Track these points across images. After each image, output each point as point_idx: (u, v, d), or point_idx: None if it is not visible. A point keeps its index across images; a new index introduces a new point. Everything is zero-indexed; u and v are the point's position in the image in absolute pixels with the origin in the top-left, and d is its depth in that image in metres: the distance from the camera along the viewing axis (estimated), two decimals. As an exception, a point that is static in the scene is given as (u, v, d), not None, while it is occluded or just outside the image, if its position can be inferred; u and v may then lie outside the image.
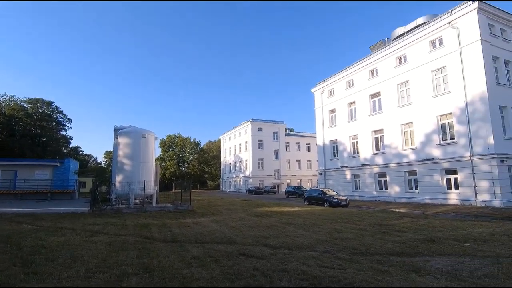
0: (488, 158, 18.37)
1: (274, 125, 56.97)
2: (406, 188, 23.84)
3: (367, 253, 7.25)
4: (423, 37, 22.80)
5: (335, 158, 31.98)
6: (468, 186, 19.36)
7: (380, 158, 26.34)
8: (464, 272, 5.41)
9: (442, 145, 21.24)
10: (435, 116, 21.74)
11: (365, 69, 28.35)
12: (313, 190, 25.72)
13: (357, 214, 15.52)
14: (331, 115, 33.11)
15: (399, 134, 24.57)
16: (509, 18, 21.19)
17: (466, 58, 19.75)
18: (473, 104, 19.27)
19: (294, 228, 11.24)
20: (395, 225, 11.60)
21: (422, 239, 8.72)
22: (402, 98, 24.73)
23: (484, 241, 8.34)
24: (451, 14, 20.91)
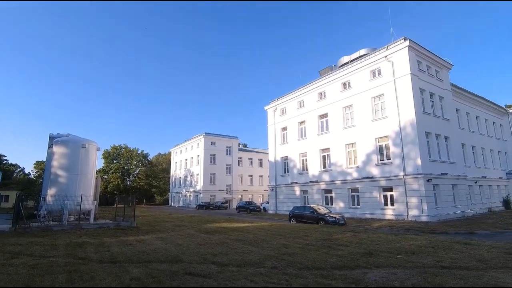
0: (417, 177, 20.62)
1: (227, 140, 56.94)
2: (349, 204, 25.42)
3: (313, 267, 7.48)
4: (365, 66, 25.27)
5: (286, 174, 32.94)
6: (402, 203, 21.38)
7: (327, 175, 27.84)
8: (396, 283, 5.89)
9: (380, 164, 23.32)
10: (374, 138, 23.91)
11: (314, 92, 30.24)
12: (301, 207, 23.29)
13: (305, 229, 16.00)
14: (283, 133, 34.32)
15: (343, 153, 26.38)
16: (433, 57, 24.65)
17: (399, 88, 22.33)
18: (405, 129, 21.69)
19: (243, 244, 11.15)
20: (338, 240, 12.20)
21: (362, 252, 9.30)
22: (346, 120, 26.79)
23: (413, 252, 9.20)
24: (387, 49, 23.63)
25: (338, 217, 19.33)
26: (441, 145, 23.35)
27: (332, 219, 19.05)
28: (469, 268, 7.22)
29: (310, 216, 20.52)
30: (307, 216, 20.84)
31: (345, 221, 19.54)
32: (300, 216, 21.29)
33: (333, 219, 18.99)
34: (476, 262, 7.88)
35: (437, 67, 25.27)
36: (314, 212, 20.54)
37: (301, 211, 21.79)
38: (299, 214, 21.55)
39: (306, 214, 21.06)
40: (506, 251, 9.12)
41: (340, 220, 19.13)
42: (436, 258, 8.40)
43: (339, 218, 19.27)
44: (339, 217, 19.48)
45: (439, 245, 10.41)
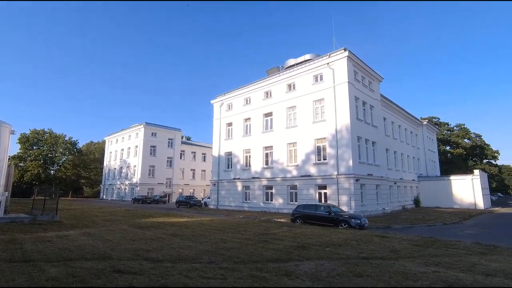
0: (348, 177, 22.61)
1: (170, 132, 54.57)
2: (288, 200, 26.66)
3: (249, 261, 7.66)
4: (309, 71, 26.66)
5: (229, 170, 33.02)
6: (334, 200, 23.20)
7: (268, 172, 28.72)
8: (323, 273, 6.38)
9: (317, 164, 24.94)
10: (314, 139, 25.45)
11: (261, 90, 30.84)
12: (312, 205, 18.96)
13: (244, 224, 16.29)
14: (228, 128, 34.28)
15: (285, 152, 27.51)
16: (367, 69, 27.20)
17: (338, 94, 24.13)
18: (341, 132, 23.55)
19: (180, 239, 10.85)
20: (275, 234, 12.71)
21: (295, 246, 9.84)
22: (290, 120, 27.96)
23: (340, 245, 10.08)
24: (329, 57, 25.30)
25: (361, 219, 16.26)
26: (369, 149, 25.99)
27: (356, 221, 15.94)
28: (384, 258, 8.21)
29: (325, 217, 16.95)
30: (320, 216, 17.19)
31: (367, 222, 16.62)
32: (310, 217, 17.43)
33: (358, 222, 15.91)
34: (389, 252, 8.98)
35: (370, 79, 27.98)
36: (330, 212, 17.10)
37: (311, 211, 17.84)
38: (309, 215, 17.65)
39: (319, 214, 17.39)
40: (413, 243, 10.59)
41: (365, 223, 16.17)
42: (358, 250, 9.34)
43: (362, 220, 16.23)
44: (360, 218, 16.38)
45: (361, 238, 11.58)
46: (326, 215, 17.06)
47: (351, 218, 16.26)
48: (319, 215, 17.34)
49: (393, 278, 5.98)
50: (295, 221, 18.06)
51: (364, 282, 5.68)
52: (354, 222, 15.83)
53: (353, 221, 15.94)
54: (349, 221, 15.98)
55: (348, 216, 16.67)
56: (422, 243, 10.60)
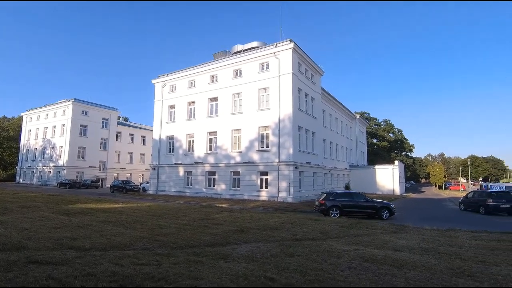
0: (288, 164, 23.73)
1: (104, 111, 49.76)
2: (230, 186, 26.93)
3: (186, 246, 7.59)
4: (255, 58, 26.78)
5: (170, 154, 31.80)
6: (274, 186, 24.21)
7: (212, 158, 28.48)
8: (258, 255, 6.67)
9: (260, 151, 25.57)
10: (258, 127, 25.94)
11: (207, 73, 30.01)
12: (345, 193, 17.61)
13: (184, 210, 16.01)
14: (171, 111, 32.77)
15: (229, 138, 27.52)
16: (310, 62, 28.46)
17: (282, 84, 24.83)
18: (284, 121, 24.43)
19: (113, 226, 10.19)
20: (215, 219, 12.79)
21: (234, 230, 10.06)
22: (235, 107, 27.92)
23: (276, 228, 10.62)
24: (276, 46, 25.72)
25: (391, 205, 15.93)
26: (309, 138, 27.57)
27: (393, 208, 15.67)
28: (314, 239, 8.92)
29: (364, 205, 15.74)
30: (358, 205, 15.85)
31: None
32: (348, 207, 15.75)
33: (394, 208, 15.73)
34: (319, 234, 9.79)
35: (313, 72, 29.39)
36: (366, 199, 16.22)
37: (347, 199, 16.19)
38: (347, 204, 15.83)
39: (357, 202, 16.01)
40: (340, 225, 11.71)
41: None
42: (292, 232, 9.97)
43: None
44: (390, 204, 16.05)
45: (296, 221, 12.37)
46: (364, 202, 15.99)
47: (388, 204, 15.92)
48: (357, 204, 16.02)
49: (320, 256, 6.55)
50: (329, 214, 15.57)
51: (295, 261, 6.11)
52: (393, 208, 15.76)
53: (392, 207, 15.79)
54: (390, 208, 15.69)
55: (384, 202, 16.20)
56: (348, 225, 11.78)
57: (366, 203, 15.94)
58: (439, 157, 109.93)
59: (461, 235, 9.93)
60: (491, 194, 19.77)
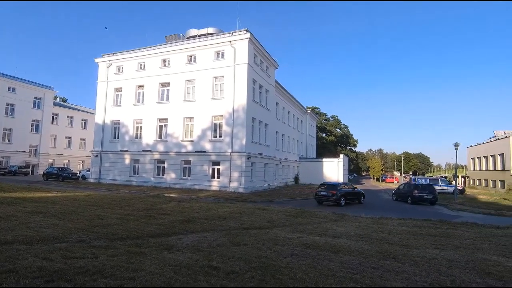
0: (241, 155, 23.84)
1: (36, 89, 44.02)
2: (181, 175, 26.19)
3: (128, 237, 7.21)
4: (211, 45, 26.06)
5: (116, 140, 29.68)
6: (226, 176, 24.18)
7: (161, 146, 27.30)
8: (204, 244, 6.62)
9: (213, 140, 25.23)
10: (211, 116, 25.48)
11: (158, 57, 28.39)
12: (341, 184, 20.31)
13: (129, 199, 15.17)
14: (117, 94, 30.43)
15: (181, 126, 26.60)
16: (266, 54, 28.61)
17: (237, 74, 24.64)
18: (238, 112, 24.36)
19: (43, 217, 9.22)
20: (162, 209, 12.35)
21: (181, 220, 9.83)
22: (188, 94, 26.99)
23: (224, 218, 10.66)
24: (232, 35, 25.31)
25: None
26: (262, 130, 28.00)
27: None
28: (261, 227, 9.15)
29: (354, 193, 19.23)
30: (352, 193, 19.06)
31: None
32: (347, 195, 18.35)
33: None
34: (267, 223, 10.08)
35: (268, 64, 29.68)
36: (353, 188, 19.72)
37: (345, 189, 18.75)
38: (346, 193, 18.37)
39: (351, 191, 19.13)
40: (287, 214, 12.21)
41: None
42: (240, 221, 10.10)
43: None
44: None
45: (245, 211, 12.56)
46: (353, 190, 19.54)
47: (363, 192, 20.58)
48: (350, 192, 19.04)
49: (265, 245, 6.75)
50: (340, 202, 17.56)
51: (240, 250, 6.19)
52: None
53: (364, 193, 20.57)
54: (364, 194, 20.56)
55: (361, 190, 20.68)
56: (294, 214, 12.34)
57: (354, 191, 19.60)
58: (378, 152, 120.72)
59: (391, 222, 11.07)
60: (417, 186, 22.37)
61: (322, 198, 18.31)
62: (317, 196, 18.65)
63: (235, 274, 4.66)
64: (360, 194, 19.95)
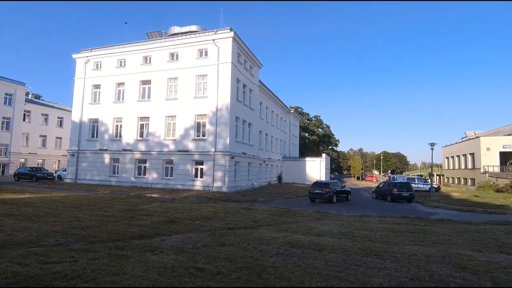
0: (224, 154, 23.69)
1: (7, 84, 41.42)
2: (163, 175, 25.69)
3: (109, 239, 6.99)
4: (194, 43, 25.71)
5: (94, 139, 28.68)
6: (209, 175, 23.95)
7: (143, 145, 26.66)
8: (189, 245, 6.52)
9: (196, 140, 24.92)
10: (194, 115, 25.15)
11: (139, 54, 27.68)
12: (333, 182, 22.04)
13: (109, 200, 14.72)
14: (95, 91, 29.40)
15: (163, 125, 26.09)
16: (250, 54, 28.56)
17: (221, 73, 24.44)
18: (221, 110, 24.18)
19: (16, 220, 8.77)
20: (144, 210, 12.07)
21: (164, 221, 9.64)
22: (170, 92, 26.49)
23: (209, 218, 10.56)
24: (215, 33, 25.07)
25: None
26: (245, 129, 27.96)
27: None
28: (246, 227, 9.14)
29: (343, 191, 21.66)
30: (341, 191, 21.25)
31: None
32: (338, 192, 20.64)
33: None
34: (251, 222, 10.08)
35: (252, 63, 29.67)
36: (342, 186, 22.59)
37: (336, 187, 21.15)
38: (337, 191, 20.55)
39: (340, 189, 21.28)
40: (271, 213, 12.26)
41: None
42: (225, 221, 10.04)
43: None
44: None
45: (230, 211, 12.50)
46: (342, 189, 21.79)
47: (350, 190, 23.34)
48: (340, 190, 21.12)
49: (251, 244, 6.74)
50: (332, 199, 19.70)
51: (225, 250, 6.15)
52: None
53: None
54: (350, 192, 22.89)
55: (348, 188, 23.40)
56: (278, 213, 12.41)
57: (343, 189, 21.68)
58: (358, 152, 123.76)
59: (372, 220, 11.38)
60: (396, 184, 23.13)
61: (315, 196, 19.77)
62: (310, 194, 20.06)
63: (221, 275, 4.63)
64: (348, 192, 22.10)
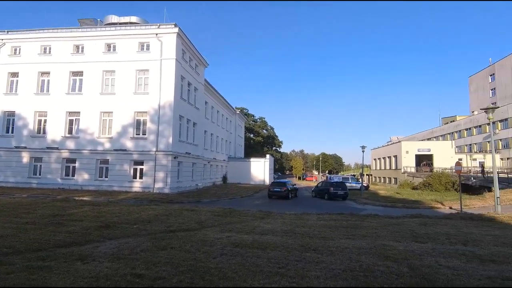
0: (167, 154, 22.67)
1: None
2: (96, 176, 23.45)
3: (28, 250, 6.11)
4: (135, 36, 24.06)
5: (9, 135, 24.76)
6: (150, 176, 22.65)
7: (72, 143, 23.96)
8: (126, 251, 6.08)
9: (136, 138, 23.34)
10: (134, 112, 23.52)
11: (69, 41, 24.84)
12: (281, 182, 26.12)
13: (28, 205, 12.87)
14: (12, 79, 25.43)
15: (97, 121, 23.82)
16: (195, 52, 27.83)
17: (165, 70, 23.32)
18: (164, 108, 23.09)
19: None
20: (73, 214, 10.88)
21: (97, 226, 8.82)
22: (106, 86, 24.34)
23: (149, 221, 9.99)
24: (159, 28, 23.82)
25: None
26: (190, 129, 27.21)
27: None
28: (190, 229, 8.89)
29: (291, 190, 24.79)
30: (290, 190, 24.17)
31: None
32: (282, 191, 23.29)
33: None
34: (195, 224, 9.85)
35: (197, 62, 29.02)
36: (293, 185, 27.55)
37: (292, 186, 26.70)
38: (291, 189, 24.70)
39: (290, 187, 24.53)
40: (216, 214, 12.15)
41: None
42: (167, 224, 9.62)
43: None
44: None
45: (172, 213, 12.02)
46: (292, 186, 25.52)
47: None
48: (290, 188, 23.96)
49: (194, 246, 6.58)
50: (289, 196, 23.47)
51: (167, 254, 5.89)
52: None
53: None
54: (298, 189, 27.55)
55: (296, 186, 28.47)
56: (222, 213, 12.35)
57: (294, 187, 26.03)
58: (300, 153, 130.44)
59: (311, 218, 12.08)
60: (332, 184, 25.01)
61: (274, 193, 23.02)
62: (270, 192, 23.29)
63: (162, 280, 4.41)
64: (297, 189, 26.67)
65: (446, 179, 31.03)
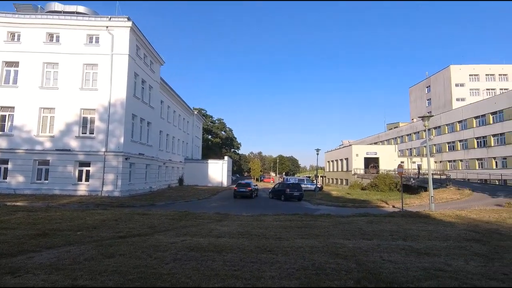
0: (117, 155, 21.28)
1: None
2: (33, 178, 21.11)
3: None
4: (82, 27, 22.26)
5: None
6: (98, 178, 21.04)
7: (4, 141, 21.28)
8: (66, 261, 5.52)
9: (81, 137, 21.53)
10: (79, 109, 21.70)
11: (3, 27, 22.15)
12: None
13: None
14: None
15: (36, 118, 21.49)
16: (150, 48, 26.58)
17: (116, 65, 21.91)
18: (115, 106, 21.66)
19: None
20: (3, 222, 9.64)
21: (33, 234, 7.91)
22: (47, 80, 22.09)
23: (95, 227, 9.23)
24: (110, 20, 22.34)
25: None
26: (144, 128, 25.92)
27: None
28: (141, 234, 8.41)
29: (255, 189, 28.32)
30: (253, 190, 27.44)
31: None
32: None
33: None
34: (147, 228, 9.35)
35: (152, 59, 27.82)
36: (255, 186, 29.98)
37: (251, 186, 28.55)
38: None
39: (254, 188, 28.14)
40: (170, 217, 11.68)
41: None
42: (116, 229, 8.98)
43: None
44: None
45: (122, 217, 11.27)
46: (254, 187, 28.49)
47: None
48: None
49: (145, 252, 6.23)
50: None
51: (114, 262, 5.49)
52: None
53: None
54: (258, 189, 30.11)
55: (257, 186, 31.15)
56: (177, 217, 11.92)
57: (256, 187, 29.53)
58: (258, 155, 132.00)
59: (268, 219, 12.24)
60: (289, 185, 25.73)
61: (239, 193, 25.33)
62: (236, 192, 25.47)
63: (107, 291, 4.08)
64: (257, 189, 29.54)
65: (390, 180, 33.83)
